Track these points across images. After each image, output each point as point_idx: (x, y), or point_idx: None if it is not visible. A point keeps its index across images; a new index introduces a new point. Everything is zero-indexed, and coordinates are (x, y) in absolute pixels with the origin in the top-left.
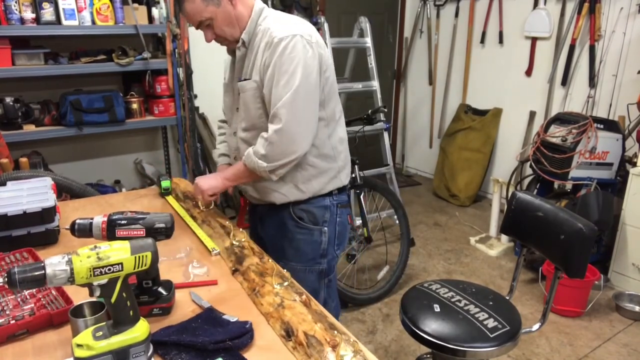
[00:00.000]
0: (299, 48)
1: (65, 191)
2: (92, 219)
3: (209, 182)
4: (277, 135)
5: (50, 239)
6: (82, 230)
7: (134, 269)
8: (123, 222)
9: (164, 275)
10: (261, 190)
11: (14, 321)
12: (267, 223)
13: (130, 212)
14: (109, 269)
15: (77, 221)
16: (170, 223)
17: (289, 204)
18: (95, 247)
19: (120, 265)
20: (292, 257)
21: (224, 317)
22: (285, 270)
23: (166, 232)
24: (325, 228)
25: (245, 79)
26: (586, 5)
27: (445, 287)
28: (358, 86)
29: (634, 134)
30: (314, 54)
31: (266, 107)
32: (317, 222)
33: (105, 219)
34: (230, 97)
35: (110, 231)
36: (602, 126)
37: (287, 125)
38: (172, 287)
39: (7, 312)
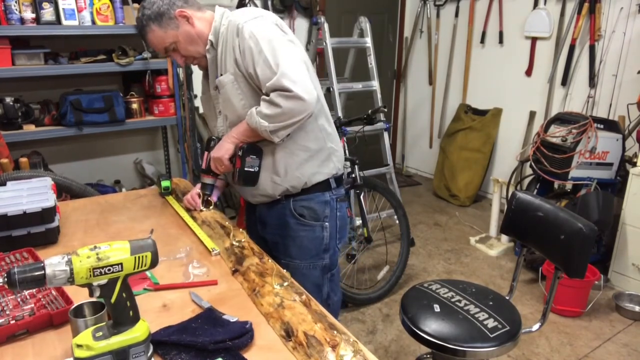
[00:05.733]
0: (266, 24)
1: (65, 191)
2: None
3: (222, 149)
4: (283, 99)
5: (50, 239)
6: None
7: (134, 269)
8: None
9: (164, 275)
10: (258, 185)
11: (14, 321)
12: (269, 223)
13: None
14: (109, 269)
15: None
16: None
17: (289, 200)
18: (95, 247)
19: (120, 266)
20: (296, 255)
21: (224, 317)
22: (289, 268)
23: None
24: (327, 223)
25: (220, 75)
26: (586, 5)
27: (445, 287)
28: (358, 86)
29: (634, 134)
30: (280, 30)
31: (249, 94)
32: (319, 218)
33: None
34: (211, 107)
35: None
36: (602, 126)
37: (293, 89)
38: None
39: (7, 312)
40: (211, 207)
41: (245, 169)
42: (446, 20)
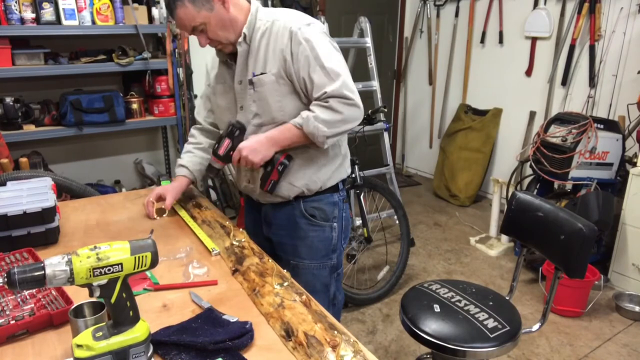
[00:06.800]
0: (318, 32)
1: (65, 191)
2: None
3: (259, 153)
4: (344, 105)
5: (50, 239)
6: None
7: (134, 269)
8: None
9: (164, 275)
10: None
11: (14, 321)
12: (276, 224)
13: None
14: (109, 270)
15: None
16: None
17: (300, 201)
18: (95, 247)
19: (120, 266)
20: (306, 255)
21: (224, 317)
22: (298, 268)
23: None
24: (335, 224)
25: (261, 73)
26: (586, 5)
27: (445, 287)
28: (358, 86)
29: (634, 134)
30: (329, 39)
31: (288, 96)
32: (328, 218)
33: None
34: (229, 98)
35: None
36: (602, 126)
37: (353, 97)
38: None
39: (7, 312)
40: (164, 215)
41: (280, 181)
42: (446, 20)
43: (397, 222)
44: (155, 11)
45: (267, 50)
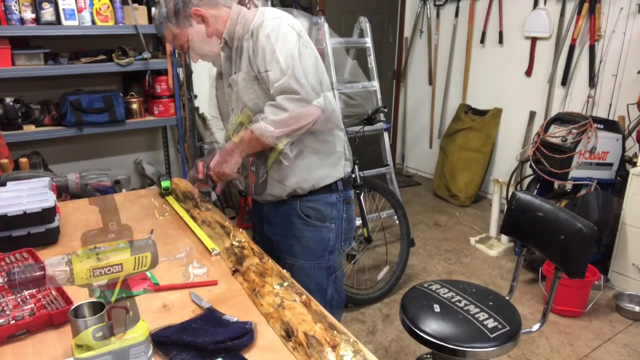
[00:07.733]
0: (281, 26)
1: (65, 191)
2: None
3: (229, 163)
4: (289, 102)
5: (50, 239)
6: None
7: (134, 269)
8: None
9: (164, 275)
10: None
11: (14, 321)
12: (274, 222)
13: None
14: (109, 270)
15: None
16: None
17: (296, 201)
18: (95, 247)
19: (120, 266)
20: (301, 255)
21: (224, 317)
22: (293, 267)
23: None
24: (332, 225)
25: (235, 73)
26: (586, 5)
27: (445, 287)
28: (358, 86)
29: (634, 134)
30: (296, 33)
31: (260, 95)
32: (324, 219)
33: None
34: (226, 105)
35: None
36: (602, 126)
37: (300, 92)
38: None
39: (7, 312)
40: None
41: (260, 181)
42: (446, 20)
43: (397, 222)
44: (155, 11)
45: (241, 51)
